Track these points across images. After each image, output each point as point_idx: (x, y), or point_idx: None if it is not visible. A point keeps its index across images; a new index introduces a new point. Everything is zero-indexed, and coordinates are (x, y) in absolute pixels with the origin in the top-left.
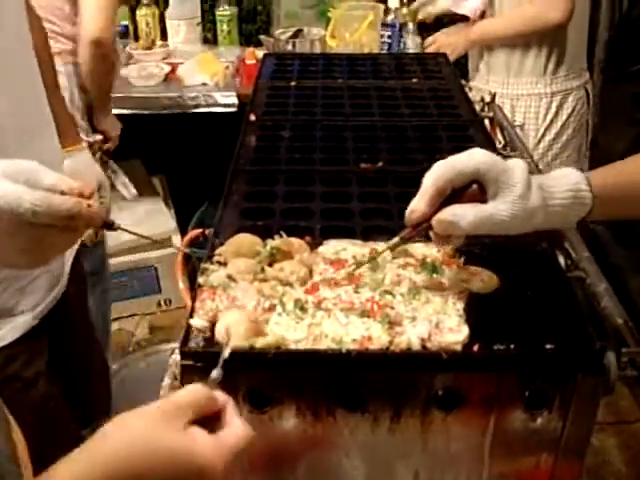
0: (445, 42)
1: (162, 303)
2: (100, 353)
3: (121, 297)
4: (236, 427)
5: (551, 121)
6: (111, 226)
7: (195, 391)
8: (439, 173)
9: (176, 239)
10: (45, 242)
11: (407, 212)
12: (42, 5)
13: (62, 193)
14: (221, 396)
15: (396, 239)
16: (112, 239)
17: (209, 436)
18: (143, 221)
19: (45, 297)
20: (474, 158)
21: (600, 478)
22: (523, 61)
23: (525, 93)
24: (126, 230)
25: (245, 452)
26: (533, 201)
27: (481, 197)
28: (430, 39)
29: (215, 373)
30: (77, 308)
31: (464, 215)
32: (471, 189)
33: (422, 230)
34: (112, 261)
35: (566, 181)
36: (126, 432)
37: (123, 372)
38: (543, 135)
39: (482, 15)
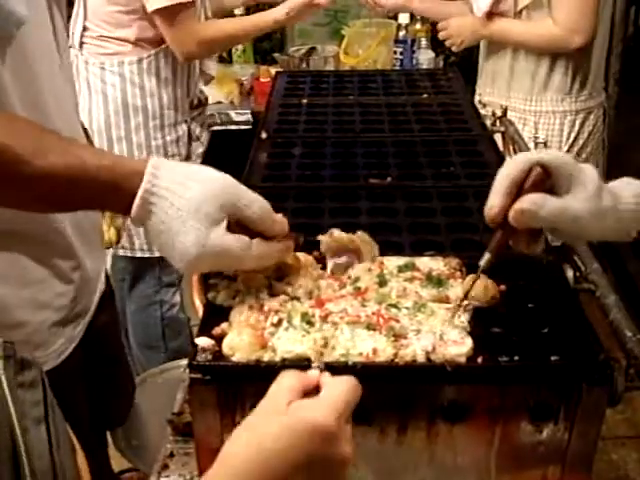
0: (456, 31)
1: None
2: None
3: None
4: (333, 382)
5: (574, 139)
6: None
7: (284, 377)
8: (511, 165)
9: None
10: None
11: (486, 210)
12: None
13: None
14: (312, 372)
15: (486, 255)
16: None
17: (310, 399)
18: None
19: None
20: (543, 151)
21: None
22: (549, 78)
23: (550, 110)
24: None
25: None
26: (606, 202)
27: (547, 187)
28: (444, 23)
29: None
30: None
31: (543, 204)
32: (536, 172)
33: (505, 238)
34: None
35: (631, 188)
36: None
37: (141, 387)
38: (566, 153)
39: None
